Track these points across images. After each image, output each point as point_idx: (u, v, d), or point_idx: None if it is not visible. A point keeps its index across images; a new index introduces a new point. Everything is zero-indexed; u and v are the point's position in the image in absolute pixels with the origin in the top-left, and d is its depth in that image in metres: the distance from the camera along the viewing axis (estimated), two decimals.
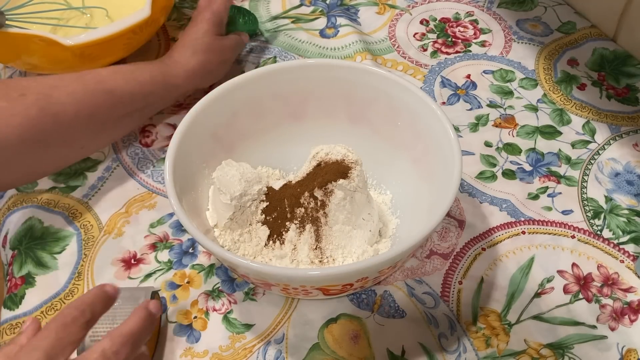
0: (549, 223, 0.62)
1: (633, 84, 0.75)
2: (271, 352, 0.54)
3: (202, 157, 0.58)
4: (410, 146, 0.59)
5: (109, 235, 0.62)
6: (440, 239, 0.61)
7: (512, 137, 0.70)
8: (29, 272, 0.60)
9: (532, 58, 0.78)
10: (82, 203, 0.65)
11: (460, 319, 0.55)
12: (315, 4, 0.87)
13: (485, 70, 0.77)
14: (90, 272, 0.60)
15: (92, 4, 0.79)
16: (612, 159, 0.67)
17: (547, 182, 0.65)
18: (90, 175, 0.68)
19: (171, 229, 0.63)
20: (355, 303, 0.56)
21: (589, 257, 0.59)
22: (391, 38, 0.82)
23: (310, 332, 0.55)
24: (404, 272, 0.58)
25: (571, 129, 0.70)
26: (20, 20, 0.70)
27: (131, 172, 0.68)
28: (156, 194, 0.66)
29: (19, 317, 0.57)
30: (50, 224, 0.63)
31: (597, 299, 0.56)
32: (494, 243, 0.61)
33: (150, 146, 0.70)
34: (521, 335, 0.54)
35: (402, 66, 0.78)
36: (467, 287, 0.57)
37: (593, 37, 0.81)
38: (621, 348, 0.53)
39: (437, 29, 0.83)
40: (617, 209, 0.63)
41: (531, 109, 0.72)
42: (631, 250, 0.60)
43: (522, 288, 0.57)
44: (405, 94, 0.58)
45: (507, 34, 0.82)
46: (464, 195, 0.64)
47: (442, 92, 0.75)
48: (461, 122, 0.71)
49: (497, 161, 0.67)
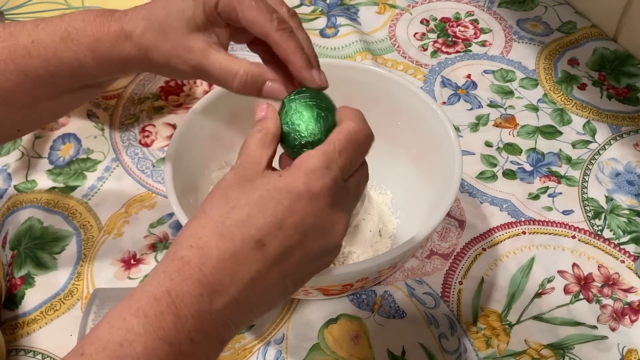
0: (549, 223, 0.62)
1: (634, 84, 0.75)
2: (271, 353, 0.54)
3: (202, 157, 0.58)
4: (410, 146, 0.59)
5: (108, 236, 0.62)
6: (441, 239, 0.61)
7: (513, 137, 0.69)
8: (28, 273, 0.60)
9: (533, 58, 0.78)
10: (82, 203, 0.65)
11: (460, 319, 0.55)
12: (315, 3, 0.87)
13: (485, 70, 0.77)
14: (89, 272, 0.60)
15: (92, 3, 0.79)
16: (613, 159, 0.67)
17: (547, 182, 0.65)
18: (90, 175, 0.68)
19: (171, 229, 0.63)
20: (355, 303, 0.56)
21: (589, 257, 0.59)
22: (391, 38, 0.82)
23: (310, 332, 0.55)
24: (404, 272, 0.58)
25: (572, 129, 0.70)
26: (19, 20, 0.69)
27: (131, 172, 0.68)
28: (156, 194, 0.66)
29: (19, 317, 0.57)
30: (49, 224, 0.63)
31: (597, 299, 0.56)
32: (494, 243, 0.60)
33: (150, 146, 0.70)
34: (522, 335, 0.54)
35: (402, 66, 0.78)
36: (468, 288, 0.57)
37: (593, 37, 0.80)
38: (622, 348, 0.53)
39: (437, 29, 0.83)
40: (617, 209, 0.63)
41: (532, 108, 0.72)
42: (632, 250, 0.59)
43: (523, 288, 0.57)
44: (405, 93, 0.58)
45: (507, 33, 0.82)
46: (464, 195, 0.64)
47: (442, 92, 0.75)
48: (461, 122, 0.71)
49: (498, 161, 0.67)
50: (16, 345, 0.55)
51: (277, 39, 0.40)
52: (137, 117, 0.73)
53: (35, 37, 0.44)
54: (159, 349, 0.32)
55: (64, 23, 0.44)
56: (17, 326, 0.56)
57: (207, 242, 0.34)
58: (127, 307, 0.33)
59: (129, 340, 0.32)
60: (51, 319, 0.57)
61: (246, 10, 0.40)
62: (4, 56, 0.44)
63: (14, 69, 0.44)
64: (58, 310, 0.57)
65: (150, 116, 0.73)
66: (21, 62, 0.44)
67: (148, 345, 0.32)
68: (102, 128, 0.72)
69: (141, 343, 0.32)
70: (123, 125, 0.72)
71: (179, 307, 0.33)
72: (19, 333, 0.56)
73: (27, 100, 0.46)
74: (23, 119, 0.49)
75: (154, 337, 0.32)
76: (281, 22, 0.40)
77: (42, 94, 0.46)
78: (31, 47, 0.44)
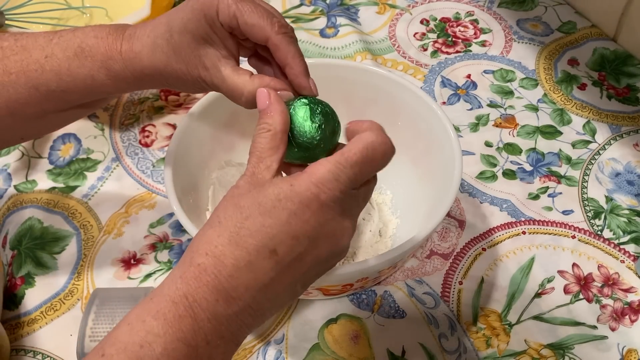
0: (549, 223, 0.62)
1: (633, 84, 0.75)
2: (271, 353, 0.54)
3: (202, 157, 0.58)
4: (410, 146, 0.59)
5: (108, 236, 0.62)
6: (441, 239, 0.61)
7: (513, 137, 0.69)
8: (28, 272, 0.60)
9: (533, 58, 0.78)
10: (82, 203, 0.65)
11: (460, 319, 0.55)
12: (315, 3, 0.87)
13: (485, 70, 0.77)
14: (89, 272, 0.60)
15: (92, 3, 0.79)
16: (613, 159, 0.67)
17: (547, 182, 0.65)
18: (90, 175, 0.68)
19: (171, 229, 0.63)
20: (355, 303, 0.56)
21: (589, 257, 0.59)
22: (391, 38, 0.82)
23: (310, 332, 0.55)
24: (404, 272, 0.58)
25: (572, 129, 0.70)
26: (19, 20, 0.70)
27: (131, 172, 0.68)
28: (156, 194, 0.66)
29: (19, 317, 0.57)
30: (50, 224, 0.63)
31: (597, 299, 0.56)
32: (494, 243, 0.60)
33: (150, 146, 0.70)
34: (521, 335, 0.54)
35: (402, 66, 0.78)
36: (468, 288, 0.57)
37: (593, 37, 0.80)
38: (622, 348, 0.53)
39: (437, 29, 0.83)
40: (617, 209, 0.63)
41: (531, 108, 0.72)
42: (632, 250, 0.59)
43: (523, 288, 0.57)
44: (405, 93, 0.58)
45: (507, 33, 0.82)
46: (464, 195, 0.64)
47: (442, 92, 0.75)
48: (461, 122, 0.71)
49: (498, 161, 0.67)
50: (16, 345, 0.55)
51: (278, 42, 0.40)
52: (137, 117, 0.73)
53: (49, 52, 0.44)
54: (177, 349, 0.33)
55: (77, 39, 0.44)
56: (18, 326, 0.56)
57: (223, 250, 0.35)
58: (147, 310, 0.34)
59: (149, 342, 0.33)
60: (51, 318, 0.57)
61: (246, 15, 0.40)
62: (15, 69, 0.44)
63: (25, 82, 0.44)
64: (58, 310, 0.57)
65: (150, 116, 0.73)
66: (33, 76, 0.44)
67: (167, 346, 0.33)
68: (102, 128, 0.72)
69: (161, 344, 0.33)
70: (123, 125, 0.72)
71: (197, 311, 0.34)
72: (19, 333, 0.56)
73: (36, 112, 0.46)
74: (29, 129, 0.49)
75: (173, 339, 0.33)
76: (282, 26, 0.41)
77: (51, 107, 0.46)
78: (44, 61, 0.44)
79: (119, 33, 0.44)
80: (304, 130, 0.39)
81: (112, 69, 0.44)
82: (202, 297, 0.34)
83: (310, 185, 0.35)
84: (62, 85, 0.44)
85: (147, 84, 0.46)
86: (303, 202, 0.35)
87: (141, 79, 0.44)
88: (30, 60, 0.44)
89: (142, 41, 0.43)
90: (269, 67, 0.45)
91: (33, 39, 0.45)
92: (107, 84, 0.44)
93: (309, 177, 0.35)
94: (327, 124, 0.40)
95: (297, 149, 0.40)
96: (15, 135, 0.49)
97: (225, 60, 0.42)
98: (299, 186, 0.35)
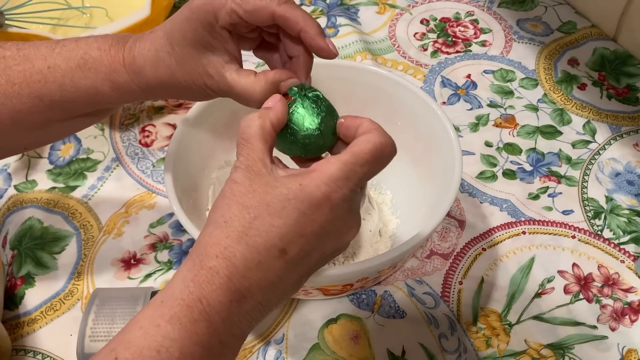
0: (549, 223, 0.62)
1: (633, 84, 0.75)
2: (271, 353, 0.54)
3: (202, 157, 0.58)
4: (410, 146, 0.59)
5: (108, 236, 0.62)
6: (441, 239, 0.61)
7: (513, 137, 0.69)
8: (28, 272, 0.60)
9: (533, 58, 0.78)
10: (82, 203, 0.65)
11: (460, 319, 0.55)
12: (315, 3, 0.87)
13: (485, 70, 0.77)
14: (89, 272, 0.60)
15: (92, 3, 0.79)
16: (613, 158, 0.67)
17: (547, 182, 0.65)
18: (90, 175, 0.68)
19: (171, 229, 0.63)
20: (355, 303, 0.56)
21: (589, 257, 0.59)
22: (391, 38, 0.82)
23: (310, 332, 0.55)
24: (404, 272, 0.58)
25: (572, 129, 0.70)
26: (19, 20, 0.69)
27: (131, 172, 0.68)
28: (156, 194, 0.66)
29: (19, 317, 0.57)
30: (50, 224, 0.63)
31: (597, 299, 0.56)
32: (494, 243, 0.60)
33: (150, 146, 0.70)
34: (521, 335, 0.54)
35: (402, 66, 0.78)
36: (468, 288, 0.57)
37: (593, 37, 0.80)
38: (622, 348, 0.53)
39: (437, 29, 0.83)
40: (617, 209, 0.63)
41: (531, 108, 0.72)
42: (632, 250, 0.59)
43: (523, 288, 0.57)
44: (405, 93, 0.58)
45: (507, 33, 0.82)
46: (464, 195, 0.64)
47: (442, 91, 0.75)
48: (461, 122, 0.71)
49: (498, 161, 0.67)
50: (17, 345, 0.55)
51: (283, 11, 0.39)
52: (137, 117, 0.73)
53: (52, 62, 0.44)
54: (194, 353, 0.34)
55: (80, 50, 0.44)
56: (18, 326, 0.56)
57: (233, 252, 0.35)
58: (160, 314, 0.34)
59: (166, 347, 0.33)
60: (51, 318, 0.57)
61: (244, 4, 0.39)
62: (18, 80, 0.44)
63: (29, 92, 0.44)
64: (58, 310, 0.57)
65: (150, 116, 0.73)
66: (36, 87, 0.44)
67: (184, 351, 0.34)
68: (102, 128, 0.72)
69: (178, 349, 0.33)
70: (123, 125, 0.72)
71: (211, 314, 0.34)
72: (19, 333, 0.56)
73: (40, 122, 0.46)
74: (32, 138, 0.48)
75: (189, 343, 0.34)
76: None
77: (54, 117, 0.46)
78: (47, 72, 0.44)
79: (121, 45, 0.44)
80: (305, 125, 0.39)
81: (116, 82, 0.44)
82: (216, 300, 0.34)
83: (321, 184, 0.35)
84: (65, 95, 0.44)
85: (153, 95, 0.46)
86: (313, 201, 0.35)
87: (146, 91, 0.44)
88: (33, 71, 0.44)
89: (143, 55, 0.43)
90: (276, 54, 0.44)
91: (35, 49, 0.45)
92: (112, 95, 0.44)
93: (319, 176, 0.35)
94: (328, 119, 0.40)
95: (298, 144, 0.40)
96: (19, 144, 0.49)
97: (228, 65, 0.42)
98: (309, 186, 0.35)
